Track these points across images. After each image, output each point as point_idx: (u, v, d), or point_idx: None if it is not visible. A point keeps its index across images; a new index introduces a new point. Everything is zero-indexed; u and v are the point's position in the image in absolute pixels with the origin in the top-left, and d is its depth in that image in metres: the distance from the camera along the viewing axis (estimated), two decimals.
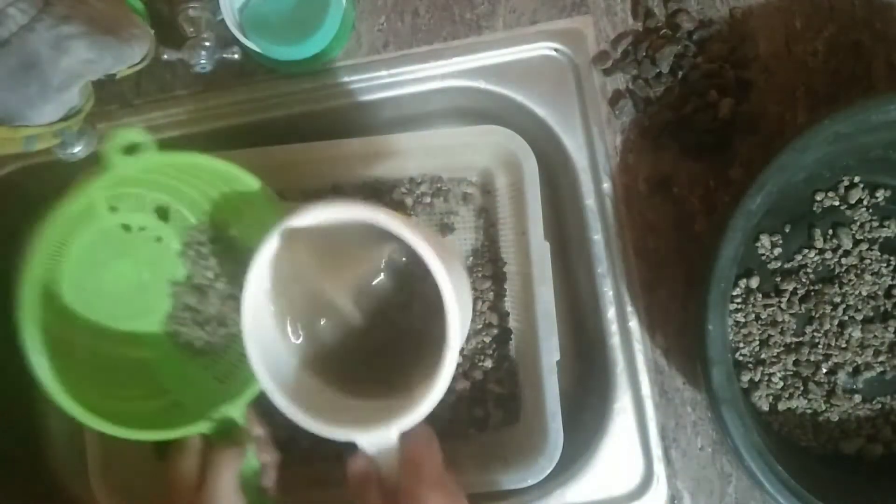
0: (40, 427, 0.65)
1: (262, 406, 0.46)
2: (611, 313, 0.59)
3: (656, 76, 0.59)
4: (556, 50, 0.61)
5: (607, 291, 0.59)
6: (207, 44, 0.56)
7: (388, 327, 0.48)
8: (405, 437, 0.42)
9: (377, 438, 0.42)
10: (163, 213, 0.52)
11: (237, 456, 0.45)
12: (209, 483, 0.44)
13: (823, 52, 0.61)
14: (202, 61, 0.57)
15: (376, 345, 0.47)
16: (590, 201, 0.60)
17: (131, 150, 0.42)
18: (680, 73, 0.59)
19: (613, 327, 0.59)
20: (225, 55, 0.58)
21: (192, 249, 0.53)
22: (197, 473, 0.44)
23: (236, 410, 0.48)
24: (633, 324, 0.59)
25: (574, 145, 0.61)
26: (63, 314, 0.48)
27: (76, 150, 0.54)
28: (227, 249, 0.53)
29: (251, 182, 0.48)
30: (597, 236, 0.60)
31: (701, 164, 0.60)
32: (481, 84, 0.61)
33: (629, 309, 0.59)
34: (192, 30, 0.57)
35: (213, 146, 0.58)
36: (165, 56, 0.56)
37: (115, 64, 0.49)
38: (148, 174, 0.48)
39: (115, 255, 0.51)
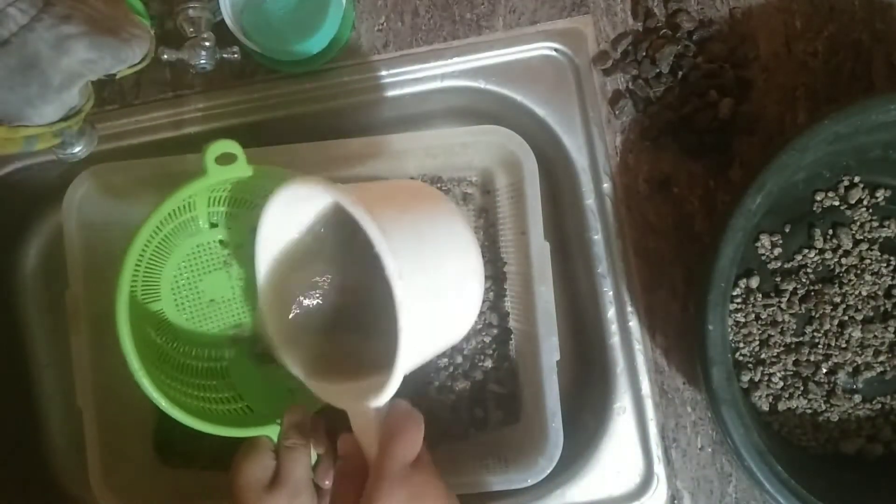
0: (40, 427, 0.65)
1: None
2: (611, 313, 0.59)
3: (656, 76, 0.59)
4: (556, 50, 0.61)
5: (607, 291, 0.59)
6: (207, 44, 0.56)
7: (372, 304, 0.48)
8: (386, 420, 0.40)
9: (358, 416, 0.41)
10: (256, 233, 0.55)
11: (308, 452, 0.46)
12: (286, 476, 0.44)
13: (823, 52, 0.61)
14: (202, 61, 0.57)
15: (353, 326, 0.48)
16: (590, 201, 0.60)
17: (225, 159, 0.46)
18: (680, 73, 0.59)
19: (613, 327, 0.59)
20: (225, 55, 0.58)
21: None
22: (269, 474, 0.45)
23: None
24: (633, 324, 0.59)
25: (574, 145, 0.61)
26: (157, 316, 0.53)
27: (76, 150, 0.54)
28: None
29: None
30: (597, 236, 0.60)
31: (701, 164, 0.60)
32: (481, 84, 0.61)
33: (629, 309, 0.59)
34: (192, 30, 0.56)
35: None
36: (165, 56, 0.56)
37: (115, 64, 0.49)
38: (247, 194, 0.52)
39: (211, 268, 0.56)
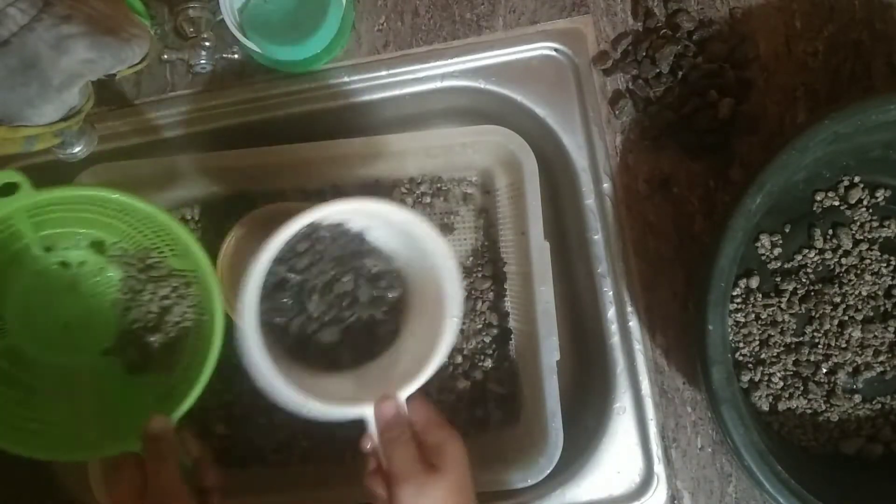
0: None
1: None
2: (611, 313, 0.59)
3: (656, 76, 0.59)
4: (556, 50, 0.61)
5: (607, 291, 0.59)
6: (207, 44, 0.56)
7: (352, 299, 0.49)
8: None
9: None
10: (99, 247, 0.55)
11: (171, 449, 0.45)
12: (152, 480, 0.44)
13: (823, 52, 0.61)
14: (202, 61, 0.57)
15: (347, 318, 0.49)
16: (590, 201, 0.60)
17: (7, 190, 0.44)
18: (680, 73, 0.59)
19: (613, 327, 0.59)
20: (225, 55, 0.58)
21: (132, 276, 0.55)
22: (138, 484, 0.44)
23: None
24: (633, 324, 0.59)
25: (574, 145, 0.61)
26: (13, 351, 0.52)
27: (76, 150, 0.54)
28: (161, 271, 0.55)
29: (141, 205, 0.48)
30: (597, 236, 0.60)
31: (701, 164, 0.60)
32: (481, 84, 0.61)
33: (629, 309, 0.59)
34: (192, 30, 0.57)
35: (214, 146, 0.58)
36: (165, 56, 0.56)
37: (115, 64, 0.49)
38: (75, 212, 0.50)
39: (59, 291, 0.54)
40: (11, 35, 0.43)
